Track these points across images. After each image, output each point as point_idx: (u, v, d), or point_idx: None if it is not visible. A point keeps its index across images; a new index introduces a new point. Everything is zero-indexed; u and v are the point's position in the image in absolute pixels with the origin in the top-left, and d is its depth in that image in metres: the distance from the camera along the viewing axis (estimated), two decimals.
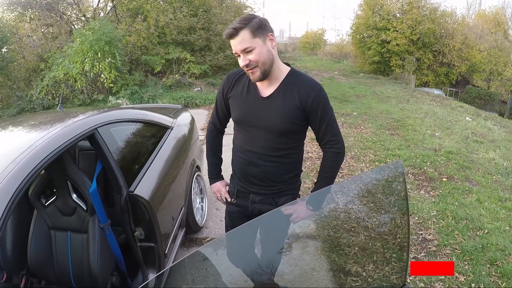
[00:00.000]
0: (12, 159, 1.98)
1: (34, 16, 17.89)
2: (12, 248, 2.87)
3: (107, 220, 2.70)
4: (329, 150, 2.24)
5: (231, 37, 1.99)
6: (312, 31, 47.20)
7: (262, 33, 2.02)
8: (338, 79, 21.40)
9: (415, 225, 4.49)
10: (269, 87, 2.16)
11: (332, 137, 2.20)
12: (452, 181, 5.86)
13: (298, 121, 2.14)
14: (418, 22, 23.98)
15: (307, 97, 2.10)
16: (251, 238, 2.40)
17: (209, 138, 2.60)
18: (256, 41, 1.99)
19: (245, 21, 1.98)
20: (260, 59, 2.01)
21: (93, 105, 13.47)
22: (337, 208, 3.73)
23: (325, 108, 2.15)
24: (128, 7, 16.37)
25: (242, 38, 1.97)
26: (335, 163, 2.27)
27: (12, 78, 14.98)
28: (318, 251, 3.13)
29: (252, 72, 2.04)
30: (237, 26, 1.96)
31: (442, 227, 4.42)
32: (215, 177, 2.61)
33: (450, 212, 4.75)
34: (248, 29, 1.97)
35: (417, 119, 10.72)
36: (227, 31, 1.99)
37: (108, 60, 12.79)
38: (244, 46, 1.98)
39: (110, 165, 2.66)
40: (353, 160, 6.96)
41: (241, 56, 2.02)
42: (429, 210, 4.83)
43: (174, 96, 13.78)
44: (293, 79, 2.16)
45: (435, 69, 25.20)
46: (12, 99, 14.39)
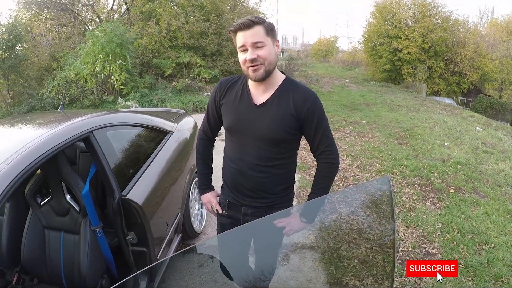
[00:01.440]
0: (4, 158, 2.00)
1: (49, 15, 18.09)
2: (7, 244, 2.91)
3: (98, 223, 2.71)
4: (324, 161, 2.19)
5: (245, 28, 1.95)
6: (324, 38, 47.37)
7: (273, 36, 2.01)
8: (349, 87, 21.33)
9: (419, 238, 4.40)
10: (263, 94, 2.11)
11: (327, 148, 2.15)
12: (460, 193, 5.75)
13: (292, 130, 2.08)
14: (430, 31, 23.80)
15: (302, 106, 2.04)
16: (246, 248, 2.35)
17: (199, 146, 2.53)
18: (268, 40, 1.98)
19: (260, 19, 1.97)
20: (268, 57, 1.97)
21: (102, 106, 13.62)
22: (339, 218, 3.67)
23: (320, 118, 2.10)
24: (141, 10, 16.51)
25: (257, 31, 1.94)
26: (330, 174, 2.21)
27: (24, 76, 15.15)
28: (316, 262, 3.08)
29: (255, 68, 1.98)
30: (253, 19, 1.94)
31: (447, 241, 4.31)
32: (205, 187, 2.54)
33: (456, 225, 4.64)
34: (263, 26, 1.96)
35: (427, 128, 10.60)
36: (242, 21, 1.95)
37: (119, 62, 12.88)
38: (257, 40, 1.94)
39: (104, 168, 2.65)
40: (358, 169, 6.87)
41: (249, 50, 1.95)
42: (434, 223, 4.72)
43: (183, 100, 13.79)
44: (288, 87, 2.11)
45: (447, 78, 24.97)
46: (23, 97, 14.56)
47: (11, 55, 14.20)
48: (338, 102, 15.04)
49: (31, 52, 15.90)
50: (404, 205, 5.20)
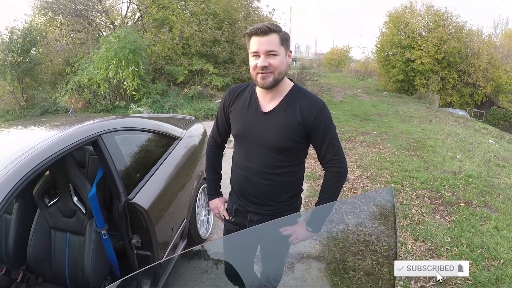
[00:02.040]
0: (13, 159, 2.06)
1: (64, 21, 18.33)
2: (13, 243, 2.98)
3: (104, 225, 2.74)
4: (331, 170, 2.16)
5: (261, 34, 1.94)
6: (337, 48, 47.33)
7: (287, 46, 2.02)
8: (361, 97, 21.23)
9: (427, 251, 4.33)
10: (271, 101, 2.11)
11: (334, 156, 2.12)
12: (470, 207, 5.66)
13: (299, 138, 2.07)
14: (443, 41, 23.56)
15: (309, 114, 2.03)
16: (251, 254, 2.33)
17: (209, 153, 2.55)
18: (282, 50, 1.98)
19: (277, 27, 1.97)
20: (279, 67, 1.98)
21: (114, 111, 13.75)
22: (346, 229, 3.64)
23: (328, 126, 2.08)
24: (154, 17, 16.65)
25: (272, 39, 1.94)
26: (337, 184, 2.19)
27: (38, 80, 15.39)
28: (321, 272, 3.05)
29: (265, 76, 1.98)
30: (271, 27, 1.94)
31: (455, 255, 4.23)
32: (213, 193, 2.56)
33: (465, 240, 4.55)
34: (279, 35, 1.96)
35: (439, 140, 10.49)
36: (259, 26, 1.94)
37: (131, 68, 13.01)
38: (271, 48, 1.94)
39: (111, 172, 2.69)
40: (368, 180, 6.81)
41: (262, 57, 1.95)
42: (443, 237, 4.63)
43: (194, 107, 13.84)
44: (295, 95, 2.10)
45: (460, 89, 24.65)
46: (37, 100, 14.72)
47: (26, 59, 14.41)
48: (350, 112, 14.98)
49: (46, 56, 16.13)
50: (413, 218, 5.13)
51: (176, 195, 3.46)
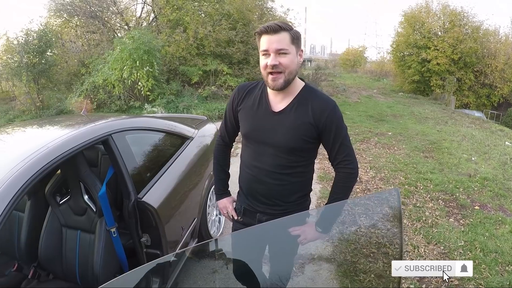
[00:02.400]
0: (24, 157, 2.10)
1: (79, 23, 18.54)
2: (25, 240, 3.03)
3: (113, 223, 2.77)
4: (342, 171, 2.13)
5: (271, 32, 1.91)
6: (353, 48, 47.17)
7: (298, 45, 1.98)
8: (376, 98, 21.10)
9: (440, 255, 4.26)
10: (282, 101, 2.08)
11: (346, 157, 2.10)
12: (485, 210, 5.56)
13: (310, 138, 2.05)
14: (459, 41, 23.27)
15: (321, 114, 2.01)
16: (260, 254, 2.33)
17: (217, 152, 2.53)
18: (292, 48, 1.95)
19: (287, 25, 1.94)
20: (290, 66, 1.94)
21: (129, 112, 13.88)
22: (358, 231, 3.62)
23: (339, 127, 2.05)
24: (168, 18, 16.73)
25: (283, 38, 1.91)
26: (347, 184, 2.16)
27: (53, 81, 15.69)
28: (331, 274, 3.03)
29: (275, 77, 1.95)
30: (281, 25, 1.91)
31: (468, 259, 4.05)
32: (221, 193, 2.54)
33: (479, 244, 4.46)
34: (290, 33, 1.93)
35: (454, 142, 10.36)
36: (269, 25, 1.91)
37: (146, 69, 13.09)
38: (282, 46, 1.91)
39: (121, 171, 2.72)
40: (382, 182, 6.74)
41: (272, 56, 1.92)
42: (456, 240, 4.55)
43: (209, 107, 13.88)
44: (307, 94, 2.08)
45: (476, 90, 24.33)
46: (52, 101, 14.93)
47: (41, 60, 14.69)
48: (365, 113, 14.89)
49: (61, 57, 16.40)
50: (427, 220, 5.06)
51: (187, 195, 3.47)
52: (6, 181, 1.91)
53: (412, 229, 4.80)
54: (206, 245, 2.17)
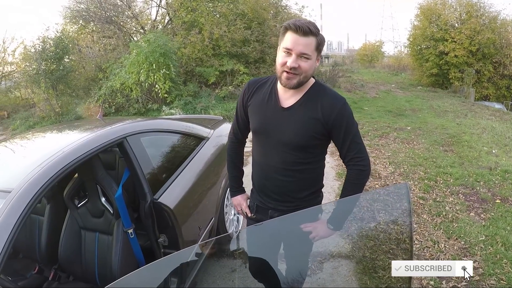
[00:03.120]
0: (41, 162, 2.16)
1: (95, 28, 18.76)
2: (46, 243, 3.09)
3: (131, 225, 2.80)
4: (353, 168, 2.10)
5: (300, 33, 1.87)
6: (370, 43, 46.82)
7: (319, 51, 1.98)
8: (394, 92, 20.91)
9: (460, 250, 4.20)
10: (291, 97, 2.07)
11: (356, 154, 2.07)
12: (506, 204, 5.46)
13: (319, 135, 2.03)
14: (477, 32, 22.80)
15: (330, 111, 1.98)
16: (275, 251, 2.33)
17: (230, 149, 2.53)
18: (315, 54, 1.94)
19: (317, 30, 1.90)
20: (308, 71, 1.94)
21: (147, 114, 13.93)
22: (377, 227, 3.60)
23: (349, 124, 2.03)
24: (183, 20, 16.76)
25: (310, 42, 1.89)
26: (359, 182, 2.12)
27: (71, 87, 15.89)
28: (350, 271, 3.01)
29: (290, 77, 1.94)
30: (312, 29, 1.87)
31: (489, 254, 4.07)
32: (235, 190, 2.55)
33: (500, 238, 4.38)
34: (317, 39, 1.91)
35: (474, 135, 10.21)
36: (301, 24, 1.85)
37: (162, 71, 13.15)
38: (306, 51, 1.89)
39: (136, 173, 2.76)
40: (401, 177, 6.67)
41: (293, 57, 1.89)
42: (477, 235, 4.48)
43: (226, 107, 13.87)
44: (316, 91, 2.06)
45: (496, 82, 23.84)
46: (71, 106, 15.16)
47: (59, 67, 14.88)
48: (383, 108, 14.77)
49: (78, 63, 16.63)
50: (447, 215, 4.99)
51: (204, 195, 3.50)
52: (24, 185, 1.96)
53: (432, 224, 4.74)
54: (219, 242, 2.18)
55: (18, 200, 1.88)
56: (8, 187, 1.98)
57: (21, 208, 1.85)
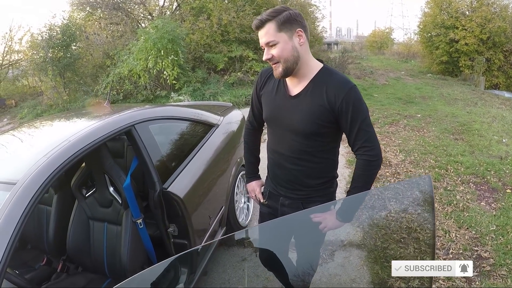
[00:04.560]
0: (46, 152, 2.11)
1: (102, 15, 18.71)
2: (53, 234, 3.07)
3: (140, 215, 2.77)
4: (361, 158, 2.03)
5: (257, 29, 1.93)
6: (379, 30, 46.42)
7: (290, 28, 1.91)
8: (404, 80, 20.72)
9: (471, 240, 4.15)
10: (298, 84, 2.04)
11: (365, 143, 1.98)
12: None
13: (326, 123, 1.98)
14: (488, 20, 22.48)
15: (336, 97, 1.92)
16: (286, 242, 2.31)
17: (246, 136, 2.55)
18: (281, 36, 1.90)
19: (273, 13, 1.89)
20: (282, 55, 1.91)
21: (155, 101, 13.92)
22: (388, 216, 3.56)
23: (357, 110, 1.94)
24: (192, 6, 16.67)
25: (267, 31, 1.89)
26: (368, 172, 2.05)
27: (79, 74, 15.90)
28: (361, 261, 2.99)
29: (275, 67, 1.97)
30: (263, 18, 1.89)
31: (500, 244, 4.03)
32: (251, 176, 2.55)
33: (511, 228, 4.33)
34: (274, 22, 1.88)
35: (484, 123, 10.07)
36: (254, 22, 1.93)
37: (171, 58, 13.09)
38: (268, 40, 1.90)
39: (145, 161, 2.71)
40: (411, 165, 6.61)
41: (265, 50, 1.95)
42: (488, 224, 4.43)
43: (235, 93, 13.83)
44: (323, 77, 2.00)
45: (506, 71, 23.52)
46: (79, 94, 15.20)
47: (67, 54, 14.91)
48: (393, 95, 14.63)
49: (86, 50, 16.61)
50: (458, 204, 4.93)
51: (214, 183, 3.46)
52: (29, 176, 1.92)
53: (443, 213, 4.69)
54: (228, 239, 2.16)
55: (23, 192, 1.84)
56: (14, 178, 1.94)
57: (26, 201, 1.81)
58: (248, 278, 2.71)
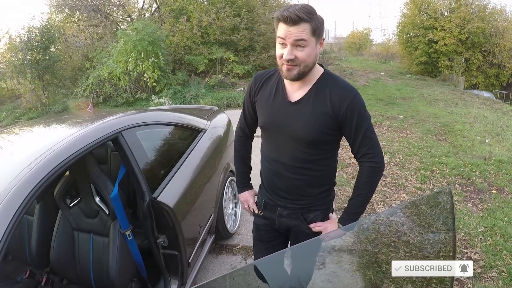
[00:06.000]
0: (29, 162, 1.99)
1: (81, 17, 18.55)
2: (36, 245, 2.93)
3: (128, 226, 2.66)
4: (365, 165, 1.98)
5: (289, 23, 1.72)
6: (358, 31, 46.70)
7: (319, 35, 1.81)
8: (384, 80, 20.85)
9: (460, 242, 4.15)
10: (299, 90, 1.95)
11: (369, 150, 1.94)
12: (503, 194, 5.44)
13: (330, 130, 1.91)
14: (466, 21, 22.83)
15: (340, 104, 1.86)
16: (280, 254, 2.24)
17: (237, 144, 2.44)
18: (312, 40, 1.78)
19: (310, 14, 1.73)
20: (306, 60, 1.79)
21: (136, 104, 13.87)
22: (377, 220, 3.53)
23: (361, 117, 1.90)
24: (171, 8, 16.60)
25: (302, 30, 1.72)
26: (372, 179, 2.00)
27: (58, 77, 15.67)
28: (353, 266, 2.95)
29: (289, 68, 1.81)
30: (302, 16, 1.70)
31: (489, 246, 4.04)
32: (243, 186, 2.45)
33: (499, 229, 4.35)
34: (311, 24, 1.74)
35: (466, 123, 10.18)
36: (288, 14, 1.70)
37: (151, 60, 13.03)
38: (301, 38, 1.73)
39: (133, 170, 2.60)
40: (397, 167, 6.61)
41: (289, 48, 1.76)
42: (476, 226, 4.45)
43: (216, 96, 13.80)
44: (326, 82, 1.92)
45: (485, 71, 23.93)
46: (58, 97, 14.99)
47: (45, 57, 14.69)
48: (374, 96, 14.70)
49: (65, 53, 16.45)
50: None
51: (203, 190, 3.36)
52: (12, 189, 1.80)
53: None
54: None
55: (5, 207, 1.72)
56: None
57: (9, 216, 1.70)
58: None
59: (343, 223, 2.02)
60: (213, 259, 3.80)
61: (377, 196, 5.26)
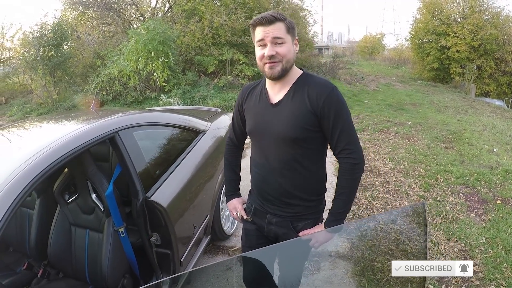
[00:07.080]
0: (26, 158, 2.07)
1: (94, 15, 18.67)
2: (35, 238, 3.05)
3: (122, 223, 2.71)
4: (344, 161, 1.99)
5: (266, 24, 1.88)
6: (370, 35, 46.76)
7: (293, 34, 1.96)
8: (395, 86, 20.80)
9: (460, 252, 4.10)
10: (279, 92, 2.03)
11: (347, 146, 1.96)
12: (507, 205, 5.35)
13: (310, 126, 1.94)
14: (479, 28, 22.75)
15: (318, 99, 1.91)
16: (270, 263, 2.22)
17: (227, 153, 2.48)
18: (288, 38, 1.92)
19: (282, 15, 1.90)
20: (287, 55, 1.91)
21: (145, 103, 13.92)
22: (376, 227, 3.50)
23: (339, 112, 1.93)
24: (183, 8, 16.62)
25: (279, 28, 1.88)
26: (353, 176, 2.01)
27: (69, 73, 15.81)
28: (347, 273, 2.93)
29: (273, 65, 1.91)
30: (276, 15, 1.88)
31: (489, 258, 3.98)
32: (231, 194, 2.46)
33: (501, 241, 4.29)
34: (285, 23, 1.90)
35: (475, 132, 10.11)
36: (264, 16, 1.87)
37: (161, 60, 13.08)
38: (278, 35, 1.88)
39: (128, 169, 2.65)
40: (401, 174, 6.57)
41: (269, 46, 1.89)
42: (477, 237, 4.39)
43: (225, 97, 13.84)
44: (303, 82, 2.00)
45: (497, 78, 23.80)
46: (69, 93, 15.13)
47: (57, 53, 14.80)
48: (384, 101, 14.67)
49: (77, 50, 16.62)
50: (447, 216, 4.90)
51: (199, 191, 3.39)
52: (10, 181, 1.88)
53: (432, 224, 4.66)
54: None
55: (1, 200, 1.79)
56: None
57: (6, 206, 1.78)
58: None
59: (329, 226, 2.02)
60: (208, 259, 3.81)
61: (378, 203, 5.23)
